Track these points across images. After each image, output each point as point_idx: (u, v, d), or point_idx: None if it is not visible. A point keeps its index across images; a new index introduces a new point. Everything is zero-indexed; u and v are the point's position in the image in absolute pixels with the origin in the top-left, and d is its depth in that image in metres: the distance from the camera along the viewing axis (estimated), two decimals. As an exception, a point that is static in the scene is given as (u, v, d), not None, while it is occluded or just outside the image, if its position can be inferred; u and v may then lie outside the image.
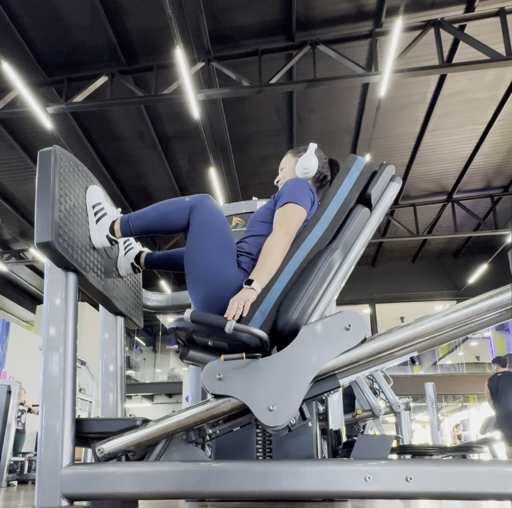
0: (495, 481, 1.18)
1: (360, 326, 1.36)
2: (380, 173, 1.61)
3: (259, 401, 1.31)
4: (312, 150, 1.80)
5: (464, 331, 1.45)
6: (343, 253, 1.51)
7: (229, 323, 1.31)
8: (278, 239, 1.51)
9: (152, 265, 1.96)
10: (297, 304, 1.39)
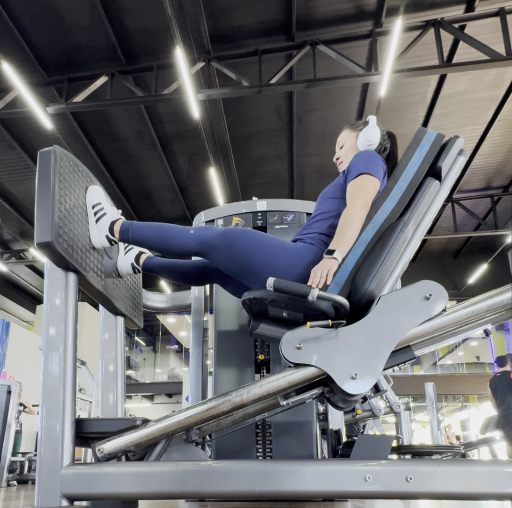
0: (495, 481, 1.18)
1: (441, 295, 1.36)
2: (450, 146, 1.63)
3: (341, 369, 1.32)
4: (373, 122, 1.80)
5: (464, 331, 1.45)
6: (414, 226, 1.53)
7: (313, 290, 1.31)
8: (356, 209, 1.51)
9: (150, 269, 1.96)
10: (374, 275, 1.40)
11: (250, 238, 1.60)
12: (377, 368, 1.31)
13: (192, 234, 1.66)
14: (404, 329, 1.35)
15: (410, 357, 1.41)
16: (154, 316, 17.81)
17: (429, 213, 1.57)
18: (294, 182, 9.99)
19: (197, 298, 2.53)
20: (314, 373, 1.36)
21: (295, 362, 1.36)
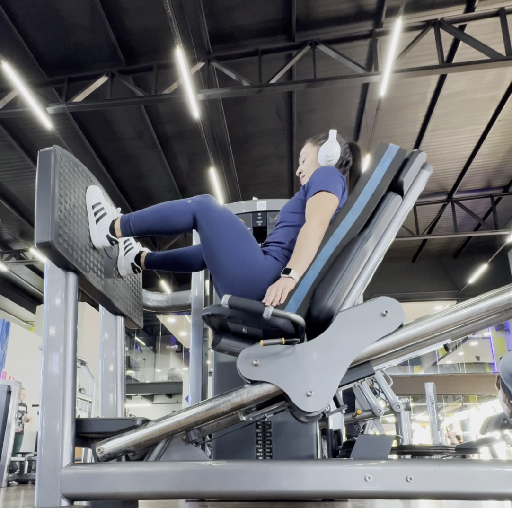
0: (495, 481, 1.18)
1: (397, 312, 1.37)
2: (412, 161, 1.61)
3: (297, 387, 1.31)
4: (333, 136, 1.78)
5: (464, 331, 1.45)
6: (375, 241, 1.52)
7: (267, 308, 1.31)
8: (314, 227, 1.51)
9: (152, 265, 1.97)
10: (332, 291, 1.40)
11: (227, 225, 1.60)
12: (333, 385, 1.31)
13: (190, 204, 1.66)
14: (360, 345, 1.34)
15: (369, 373, 1.40)
16: (154, 316, 17.81)
17: (391, 228, 1.56)
18: (294, 182, 9.98)
19: (197, 298, 2.53)
20: (270, 390, 1.36)
21: (252, 379, 1.36)
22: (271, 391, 1.36)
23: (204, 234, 1.63)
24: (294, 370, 1.33)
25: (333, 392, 1.31)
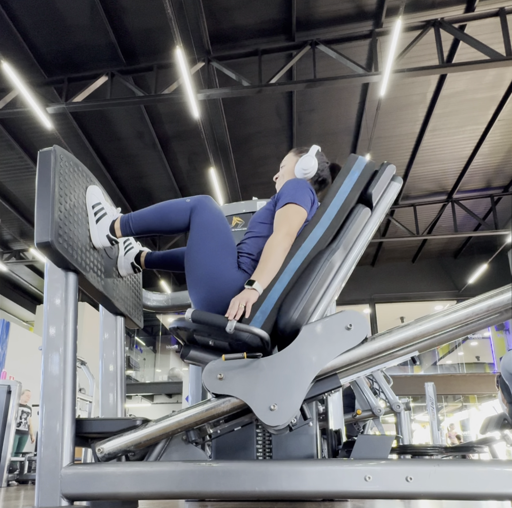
0: (495, 481, 1.18)
1: (361, 325, 1.36)
2: (381, 173, 1.60)
3: (260, 400, 1.31)
4: (313, 151, 1.80)
5: (464, 331, 1.45)
6: (344, 253, 1.51)
7: (230, 322, 1.31)
8: (279, 240, 1.51)
9: (152, 265, 1.97)
10: (298, 304, 1.39)
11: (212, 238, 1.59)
12: (297, 399, 1.30)
13: (189, 203, 1.65)
14: (325, 359, 1.34)
15: (336, 385, 1.39)
16: (154, 316, 17.81)
17: (360, 240, 1.55)
18: (294, 182, 9.97)
19: (197, 298, 2.53)
20: (235, 404, 1.35)
21: (216, 393, 1.36)
22: (236, 405, 1.36)
23: (191, 232, 1.62)
24: (258, 383, 1.33)
25: (297, 405, 1.30)
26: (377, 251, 13.88)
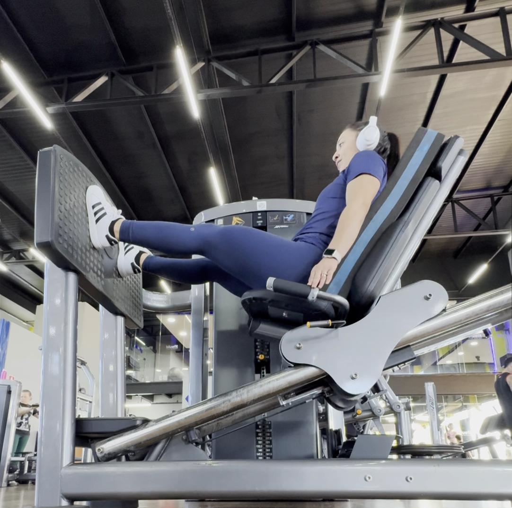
0: (495, 481, 1.18)
1: (441, 295, 1.36)
2: (450, 146, 1.63)
3: (341, 369, 1.31)
4: (373, 122, 1.79)
5: (465, 331, 1.45)
6: (414, 225, 1.53)
7: (313, 290, 1.31)
8: (355, 209, 1.51)
9: (150, 269, 1.96)
10: (374, 275, 1.40)
11: (250, 236, 1.60)
12: (377, 368, 1.31)
13: (193, 232, 1.66)
14: (403, 329, 1.35)
15: (410, 357, 1.41)
16: (154, 316, 17.81)
17: (429, 213, 1.57)
18: (294, 182, 9.98)
19: (197, 298, 2.53)
20: (314, 373, 1.35)
21: (295, 362, 1.36)
22: (315, 374, 1.35)
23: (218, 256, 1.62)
24: (338, 353, 1.33)
25: (377, 375, 1.30)
26: (377, 251, 13.87)
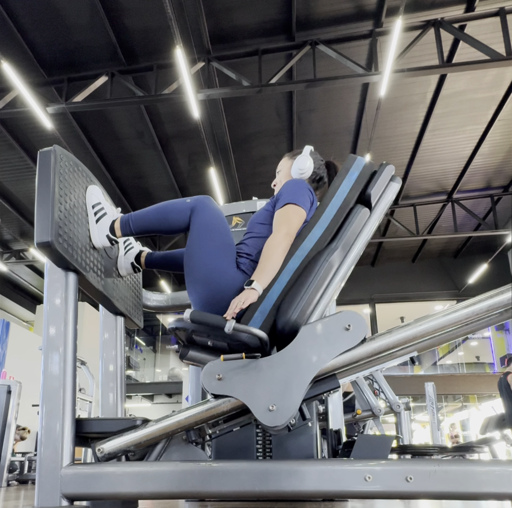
0: (495, 481, 1.18)
1: (360, 326, 1.36)
2: (380, 173, 1.60)
3: (259, 401, 1.31)
4: (307, 151, 1.82)
5: (464, 331, 1.45)
6: (343, 253, 1.51)
7: (228, 323, 1.31)
8: (279, 240, 1.51)
9: (152, 265, 1.97)
10: (297, 304, 1.39)
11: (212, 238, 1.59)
12: (295, 399, 1.30)
13: (189, 203, 1.65)
14: (323, 359, 1.34)
15: (335, 386, 1.40)
16: (154, 316, 17.81)
17: (359, 240, 1.55)
18: (294, 182, 9.97)
19: (197, 298, 2.53)
20: (234, 404, 1.36)
21: (215, 393, 1.37)
22: (235, 405, 1.36)
23: (191, 232, 1.62)
24: (257, 384, 1.33)
25: (296, 406, 1.29)
26: (377, 251, 13.88)
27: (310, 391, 1.37)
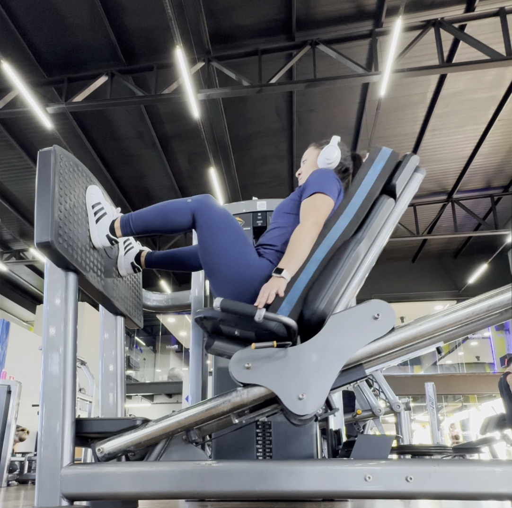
0: (495, 481, 1.18)
1: (389, 315, 1.36)
2: (405, 164, 1.61)
3: (288, 390, 1.31)
4: (335, 141, 1.80)
5: (464, 331, 1.45)
6: (368, 243, 1.52)
7: (259, 311, 1.31)
8: (307, 229, 1.51)
9: (152, 265, 1.97)
10: (325, 294, 1.40)
11: (224, 228, 1.59)
12: (325, 388, 1.31)
13: (190, 203, 1.66)
14: (352, 348, 1.34)
15: (362, 376, 1.40)
16: (154, 316, 17.81)
17: (384, 230, 1.56)
18: (294, 182, 9.97)
19: (197, 298, 2.54)
20: (262, 393, 1.36)
21: (244, 382, 1.36)
22: (263, 394, 1.36)
23: (201, 233, 1.62)
24: (286, 373, 1.33)
25: (325, 395, 1.30)
26: (377, 251, 13.87)
27: (338, 380, 1.36)
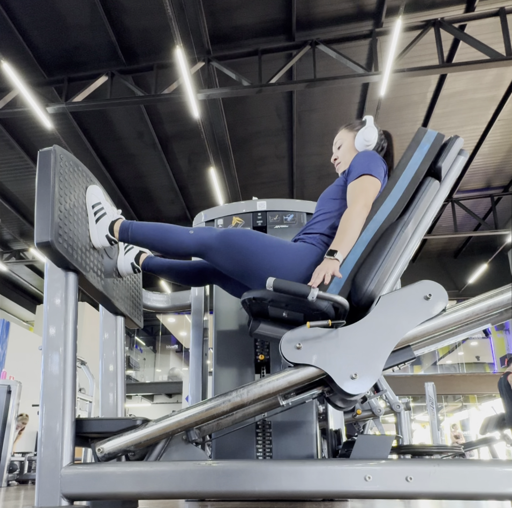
0: (495, 481, 1.18)
1: (441, 295, 1.36)
2: (450, 146, 1.63)
3: (341, 369, 1.32)
4: (371, 121, 1.79)
5: (464, 330, 1.45)
6: (414, 226, 1.53)
7: (313, 290, 1.31)
8: (358, 211, 1.52)
9: (149, 270, 1.96)
10: (374, 275, 1.41)
11: (249, 238, 1.60)
12: (377, 368, 1.31)
13: (192, 235, 1.66)
14: (403, 329, 1.35)
15: (410, 357, 1.41)
16: (154, 316, 17.80)
17: (429, 212, 1.57)
18: (294, 182, 9.98)
19: (197, 298, 2.53)
20: (313, 373, 1.36)
21: (295, 362, 1.36)
22: (315, 374, 1.36)
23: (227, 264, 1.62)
24: (338, 353, 1.33)
25: (377, 375, 1.31)
26: (377, 251, 13.87)
27: (388, 361, 1.36)
